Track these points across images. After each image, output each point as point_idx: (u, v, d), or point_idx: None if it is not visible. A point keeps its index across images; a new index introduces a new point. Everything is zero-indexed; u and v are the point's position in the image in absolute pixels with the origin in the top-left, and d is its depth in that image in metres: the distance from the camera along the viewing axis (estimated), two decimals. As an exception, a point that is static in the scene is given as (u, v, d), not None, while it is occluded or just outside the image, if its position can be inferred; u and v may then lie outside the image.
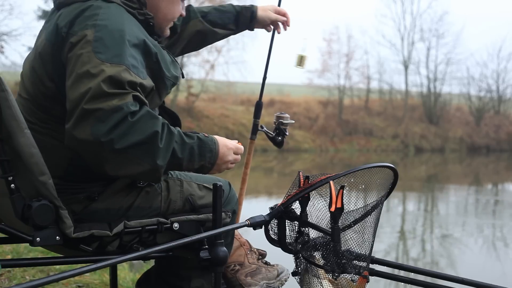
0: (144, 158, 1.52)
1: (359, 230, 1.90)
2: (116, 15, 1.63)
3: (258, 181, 13.33)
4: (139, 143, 1.50)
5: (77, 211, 1.67)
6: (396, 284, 5.29)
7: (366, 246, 1.90)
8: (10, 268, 3.12)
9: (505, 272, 6.76)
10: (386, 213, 10.76)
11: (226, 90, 28.46)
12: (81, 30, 1.57)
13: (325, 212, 1.88)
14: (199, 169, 1.68)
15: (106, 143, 1.47)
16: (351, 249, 1.88)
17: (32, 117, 1.67)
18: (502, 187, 17.55)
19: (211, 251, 1.70)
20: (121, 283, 3.39)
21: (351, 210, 1.88)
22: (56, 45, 1.61)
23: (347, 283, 1.87)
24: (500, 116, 32.91)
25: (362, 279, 1.87)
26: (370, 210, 1.91)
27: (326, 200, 1.90)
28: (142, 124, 1.51)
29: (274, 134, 2.38)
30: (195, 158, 1.64)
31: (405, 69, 31.74)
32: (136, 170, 1.53)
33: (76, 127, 1.49)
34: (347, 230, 1.87)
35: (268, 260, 2.15)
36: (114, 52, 1.54)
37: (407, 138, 28.93)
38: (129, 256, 1.57)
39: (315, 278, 1.89)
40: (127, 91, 1.51)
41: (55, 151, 1.64)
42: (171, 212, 1.78)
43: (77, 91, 1.50)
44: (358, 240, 1.89)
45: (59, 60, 1.60)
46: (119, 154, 1.49)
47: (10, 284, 2.97)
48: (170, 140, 1.57)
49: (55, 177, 1.60)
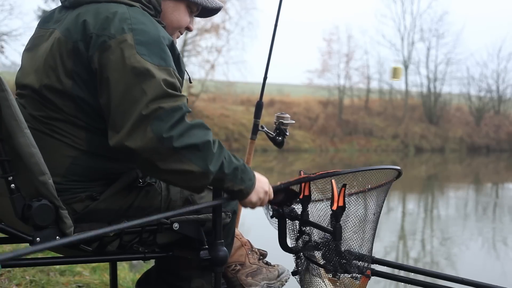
0: (198, 161, 1.53)
1: (361, 229, 1.90)
2: (147, 19, 1.63)
3: (258, 181, 13.26)
4: (194, 146, 1.52)
5: (78, 210, 1.67)
6: (396, 284, 5.29)
7: (367, 245, 1.91)
8: (10, 268, 3.12)
9: (505, 272, 6.75)
10: (386, 213, 10.76)
11: (226, 90, 28.50)
12: (119, 33, 1.55)
13: (327, 211, 1.89)
14: (236, 193, 1.67)
15: (167, 139, 1.49)
16: (352, 249, 1.88)
17: (37, 112, 1.66)
18: (502, 187, 17.55)
19: (211, 251, 1.70)
20: (121, 283, 3.39)
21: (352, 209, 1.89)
22: (80, 43, 1.59)
23: (349, 282, 1.88)
24: (500, 116, 32.93)
25: (365, 278, 1.88)
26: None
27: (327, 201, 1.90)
28: (197, 130, 1.54)
29: (275, 134, 2.38)
30: (237, 181, 1.64)
31: (405, 69, 31.74)
32: (188, 168, 1.53)
33: (130, 135, 1.50)
34: (348, 229, 1.88)
35: (269, 260, 2.15)
36: (159, 55, 1.56)
37: (407, 138, 28.96)
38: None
39: (317, 277, 1.89)
40: (181, 93, 1.56)
41: (57, 150, 1.63)
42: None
43: (131, 97, 1.51)
44: (359, 239, 1.89)
45: (84, 59, 1.59)
46: (176, 152, 1.50)
47: (10, 284, 2.97)
48: (221, 153, 1.59)
49: (57, 176, 1.60)
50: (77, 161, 1.64)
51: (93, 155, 1.65)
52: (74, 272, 3.42)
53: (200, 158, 1.54)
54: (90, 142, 1.64)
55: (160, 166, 1.52)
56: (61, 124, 1.64)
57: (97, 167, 1.66)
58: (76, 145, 1.63)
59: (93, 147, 1.64)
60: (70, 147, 1.62)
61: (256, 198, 1.72)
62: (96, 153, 1.65)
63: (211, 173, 1.56)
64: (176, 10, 1.82)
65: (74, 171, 1.65)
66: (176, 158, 1.51)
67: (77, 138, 1.63)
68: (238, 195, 1.68)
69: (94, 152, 1.65)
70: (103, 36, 1.56)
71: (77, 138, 1.63)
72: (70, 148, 1.62)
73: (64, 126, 1.63)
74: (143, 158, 1.52)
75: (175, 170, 1.53)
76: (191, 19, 1.89)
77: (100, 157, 1.66)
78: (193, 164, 1.53)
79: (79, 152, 1.64)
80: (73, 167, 1.64)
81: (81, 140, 1.64)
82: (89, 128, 1.64)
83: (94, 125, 1.63)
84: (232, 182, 1.63)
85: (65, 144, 1.63)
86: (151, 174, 1.59)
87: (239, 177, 1.64)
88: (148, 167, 1.55)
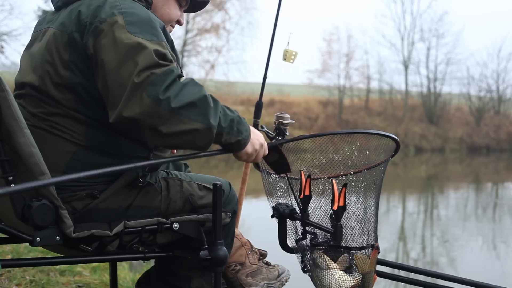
0: (199, 118, 1.55)
1: (364, 206, 1.92)
2: (137, 5, 1.67)
3: (258, 181, 13.30)
4: (191, 104, 1.54)
5: (78, 208, 1.67)
6: (396, 284, 5.29)
7: (372, 221, 1.92)
8: (10, 268, 3.12)
9: (505, 272, 6.75)
10: (386, 213, 10.76)
11: (226, 90, 28.47)
12: (109, 17, 1.59)
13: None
14: (233, 145, 1.69)
15: (164, 101, 1.50)
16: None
17: (36, 109, 1.67)
18: (502, 187, 17.54)
19: (211, 251, 1.70)
20: (121, 283, 3.39)
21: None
22: (75, 34, 1.62)
23: (362, 258, 1.89)
24: (500, 116, 32.90)
25: (375, 250, 1.89)
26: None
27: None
28: (191, 87, 1.56)
29: (274, 134, 2.38)
30: (234, 132, 1.66)
31: (405, 69, 31.75)
32: (191, 127, 1.54)
33: (127, 105, 1.51)
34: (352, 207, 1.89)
35: (269, 260, 2.15)
36: (149, 32, 1.59)
37: (407, 138, 28.92)
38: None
39: (326, 270, 1.89)
40: (172, 62, 1.57)
41: (57, 146, 1.64)
42: (171, 212, 1.78)
43: (125, 70, 1.53)
44: (363, 217, 1.91)
45: (80, 47, 1.61)
46: (176, 114, 1.52)
47: (10, 284, 2.97)
48: (217, 106, 1.61)
49: (57, 172, 1.60)
50: (77, 157, 1.64)
51: (93, 151, 1.66)
52: (74, 272, 3.41)
53: (200, 115, 1.55)
54: (90, 137, 1.65)
55: (164, 130, 1.52)
56: (60, 120, 1.64)
57: (97, 163, 1.66)
58: (76, 140, 1.64)
59: (93, 142, 1.65)
60: (70, 142, 1.63)
61: (252, 149, 1.74)
62: (96, 149, 1.66)
63: (213, 127, 1.58)
64: (166, 4, 1.90)
65: (74, 166, 1.64)
66: (177, 120, 1.52)
67: (76, 133, 1.64)
68: (235, 146, 1.70)
69: (94, 148, 1.65)
70: (95, 23, 1.60)
71: (77, 133, 1.64)
72: (70, 144, 1.63)
73: (64, 121, 1.64)
74: (145, 126, 1.52)
75: (179, 131, 1.54)
76: (181, 12, 1.97)
77: (100, 153, 1.66)
78: (195, 122, 1.54)
79: (79, 148, 1.64)
80: (73, 163, 1.65)
81: (81, 135, 1.64)
82: (89, 122, 1.64)
83: (94, 117, 1.64)
84: (229, 135, 1.65)
85: (65, 139, 1.63)
86: (156, 142, 1.58)
87: (235, 129, 1.66)
88: (152, 135, 1.55)
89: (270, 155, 1.87)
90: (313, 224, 1.93)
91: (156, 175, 1.80)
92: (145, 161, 1.75)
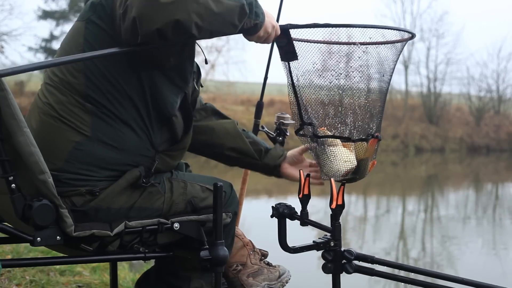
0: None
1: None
2: None
3: (258, 181, 13.33)
4: None
5: (78, 204, 1.67)
6: (396, 284, 5.29)
7: (376, 110, 1.98)
8: (10, 268, 3.12)
9: (505, 272, 6.75)
10: (386, 213, 10.77)
11: (226, 90, 28.47)
12: None
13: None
14: (251, 29, 1.69)
15: None
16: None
17: (51, 97, 1.70)
18: (502, 187, 17.54)
19: (212, 251, 1.70)
20: (121, 283, 3.39)
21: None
22: (94, 17, 1.67)
23: (359, 145, 1.94)
24: (500, 116, 32.89)
25: (375, 140, 1.95)
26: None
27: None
28: None
29: (275, 134, 2.38)
30: (253, 15, 1.66)
31: (405, 69, 31.75)
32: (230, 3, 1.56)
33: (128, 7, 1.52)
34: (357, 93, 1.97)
35: (269, 260, 2.15)
36: None
37: (407, 138, 28.92)
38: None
39: (330, 147, 1.93)
40: None
41: (61, 134, 1.65)
42: (172, 213, 1.78)
43: None
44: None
45: (99, 27, 1.66)
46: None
47: (10, 284, 2.97)
48: None
49: (59, 160, 1.63)
50: (80, 146, 1.65)
51: (97, 142, 1.66)
52: (74, 272, 3.42)
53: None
54: (95, 128, 1.66)
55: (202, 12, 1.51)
56: (68, 108, 1.66)
57: (99, 155, 1.66)
58: (81, 130, 1.66)
59: (98, 134, 1.66)
60: (74, 131, 1.65)
61: (264, 32, 1.75)
62: (100, 140, 1.66)
63: (246, 5, 1.59)
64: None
65: (76, 155, 1.65)
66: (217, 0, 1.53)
67: (82, 123, 1.65)
68: (252, 30, 1.70)
69: (98, 139, 1.66)
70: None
71: (82, 123, 1.65)
72: (74, 133, 1.65)
73: (72, 109, 1.66)
74: (159, 19, 1.49)
75: (219, 12, 1.54)
76: None
77: (104, 145, 1.67)
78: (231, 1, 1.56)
79: (83, 137, 1.65)
80: (75, 152, 1.65)
81: (86, 125, 1.65)
82: (96, 112, 1.66)
83: (102, 103, 1.66)
84: (249, 19, 1.66)
85: (70, 128, 1.65)
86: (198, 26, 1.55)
87: (253, 11, 1.66)
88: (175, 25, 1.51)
89: (281, 37, 1.85)
90: (313, 223, 1.93)
91: (161, 176, 1.80)
92: (150, 161, 1.75)
